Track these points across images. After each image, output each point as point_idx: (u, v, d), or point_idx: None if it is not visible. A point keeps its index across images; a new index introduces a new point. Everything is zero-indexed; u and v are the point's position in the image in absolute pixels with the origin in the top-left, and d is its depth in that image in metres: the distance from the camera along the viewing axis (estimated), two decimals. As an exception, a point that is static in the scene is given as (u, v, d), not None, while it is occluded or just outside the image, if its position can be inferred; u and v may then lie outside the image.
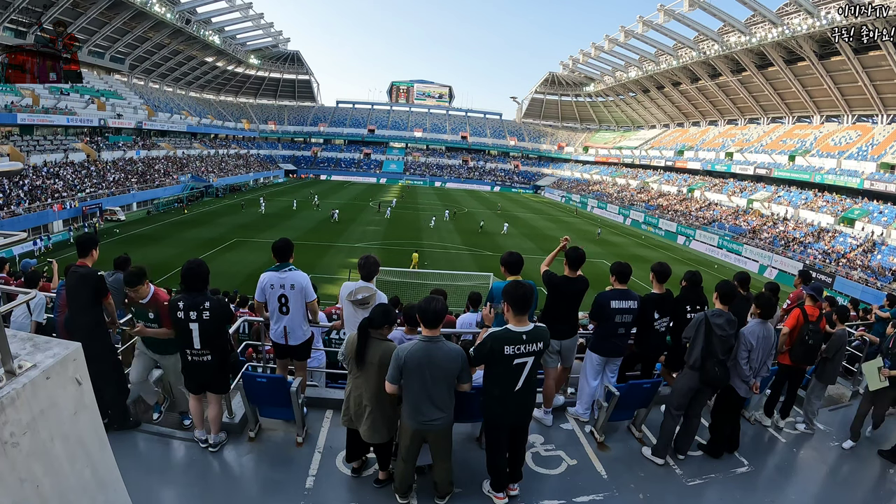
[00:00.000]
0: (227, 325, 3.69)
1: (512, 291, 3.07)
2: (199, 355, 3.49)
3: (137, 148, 45.63)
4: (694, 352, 3.86)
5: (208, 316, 3.39)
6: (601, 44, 58.62)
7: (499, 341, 3.00)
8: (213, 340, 3.50)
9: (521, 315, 3.06)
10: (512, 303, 3.06)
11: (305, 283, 4.00)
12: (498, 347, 2.99)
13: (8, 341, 1.90)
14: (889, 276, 25.81)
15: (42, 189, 29.42)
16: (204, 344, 3.46)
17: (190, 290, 3.45)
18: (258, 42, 67.85)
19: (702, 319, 3.84)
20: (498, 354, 3.00)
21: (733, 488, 3.86)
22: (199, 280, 3.45)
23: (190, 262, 3.47)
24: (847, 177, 36.13)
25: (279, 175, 69.87)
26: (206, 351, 3.49)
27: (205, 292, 3.48)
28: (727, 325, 3.80)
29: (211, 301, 3.43)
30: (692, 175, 54.18)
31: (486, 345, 3.03)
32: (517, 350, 2.99)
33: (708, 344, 3.78)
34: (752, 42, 42.49)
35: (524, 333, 3.02)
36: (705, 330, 3.79)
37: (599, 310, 4.22)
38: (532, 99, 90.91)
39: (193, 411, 3.79)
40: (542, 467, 3.86)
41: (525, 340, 3.00)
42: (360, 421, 3.21)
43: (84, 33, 43.89)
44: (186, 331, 3.42)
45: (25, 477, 1.81)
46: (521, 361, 3.03)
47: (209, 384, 3.69)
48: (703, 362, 3.81)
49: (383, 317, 3.12)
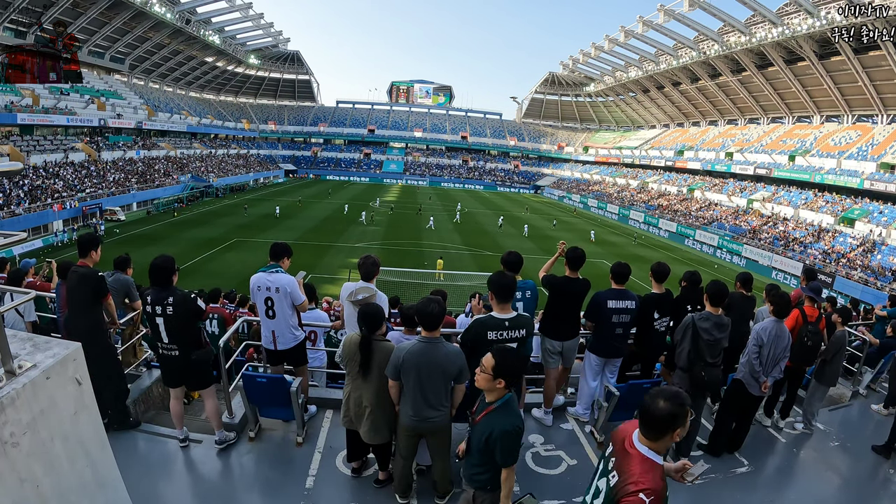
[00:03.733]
0: (195, 321, 3.62)
1: (496, 280, 3.25)
2: (168, 349, 3.51)
3: (137, 148, 45.63)
4: (682, 355, 3.85)
5: (171, 311, 3.40)
6: (601, 44, 58.63)
7: (482, 326, 3.20)
8: (180, 335, 3.50)
9: (504, 303, 3.25)
10: (495, 291, 3.24)
11: (290, 287, 3.87)
12: (482, 332, 3.18)
13: (8, 341, 1.90)
14: (889, 276, 25.80)
15: (42, 189, 29.42)
16: (171, 338, 3.47)
17: (155, 284, 3.48)
18: (258, 42, 67.84)
19: (689, 323, 3.82)
20: (481, 339, 3.17)
21: (733, 488, 3.86)
22: (164, 275, 3.46)
23: (156, 258, 3.50)
24: (847, 177, 36.12)
25: (279, 175, 69.84)
26: (174, 346, 3.49)
27: (170, 287, 3.48)
28: (715, 328, 3.73)
29: (175, 296, 3.42)
30: (692, 175, 54.16)
31: (471, 330, 3.25)
32: (500, 336, 3.18)
33: (695, 347, 3.76)
34: (752, 42, 42.48)
35: (507, 320, 3.21)
36: (692, 334, 3.77)
37: (596, 309, 4.21)
38: (532, 99, 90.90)
39: (172, 409, 3.79)
40: (542, 467, 3.86)
41: (507, 327, 3.20)
42: (361, 422, 3.21)
43: (84, 33, 43.88)
44: (154, 324, 3.46)
45: (25, 477, 1.81)
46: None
47: (184, 379, 3.69)
48: (690, 365, 3.79)
49: (376, 322, 3.13)
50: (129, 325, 4.81)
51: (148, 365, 5.05)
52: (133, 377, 4.66)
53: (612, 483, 1.92)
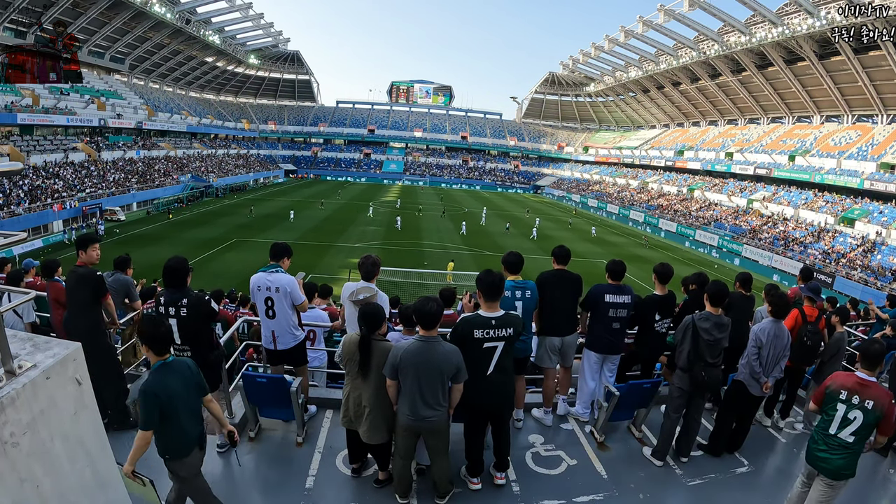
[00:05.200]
0: (209, 322, 3.65)
1: (483, 279, 3.23)
2: (180, 351, 3.50)
3: (137, 148, 45.63)
4: (682, 355, 3.85)
5: (185, 312, 3.42)
6: (601, 44, 58.63)
7: (468, 324, 3.18)
8: (193, 337, 3.50)
9: (492, 302, 3.23)
10: (482, 289, 3.22)
11: (290, 287, 3.88)
12: (468, 330, 3.16)
13: (8, 341, 1.90)
14: (889, 276, 25.81)
15: (42, 189, 29.42)
16: (184, 339, 3.47)
17: (169, 286, 3.51)
18: (258, 42, 67.85)
19: (689, 323, 3.83)
20: (468, 337, 3.15)
21: (733, 488, 3.86)
22: (178, 277, 3.49)
23: (170, 260, 3.53)
24: (847, 177, 36.13)
25: (279, 175, 69.88)
26: (186, 347, 3.50)
27: (184, 289, 3.51)
28: (715, 328, 3.75)
29: (189, 297, 3.46)
30: (692, 175, 54.17)
31: (458, 328, 3.23)
32: (486, 334, 3.15)
33: (695, 348, 3.77)
34: (752, 42, 42.49)
35: (493, 319, 3.18)
36: (692, 334, 3.78)
37: (593, 303, 4.25)
38: (532, 99, 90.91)
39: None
40: (542, 467, 3.86)
41: (494, 325, 3.17)
42: (360, 422, 3.21)
43: (84, 33, 43.89)
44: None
45: (25, 477, 1.81)
46: (490, 346, 3.18)
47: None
48: (690, 366, 3.80)
49: (376, 322, 3.14)
50: (129, 325, 4.81)
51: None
52: (133, 377, 4.66)
53: (869, 406, 2.94)
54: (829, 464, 3.02)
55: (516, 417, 4.34)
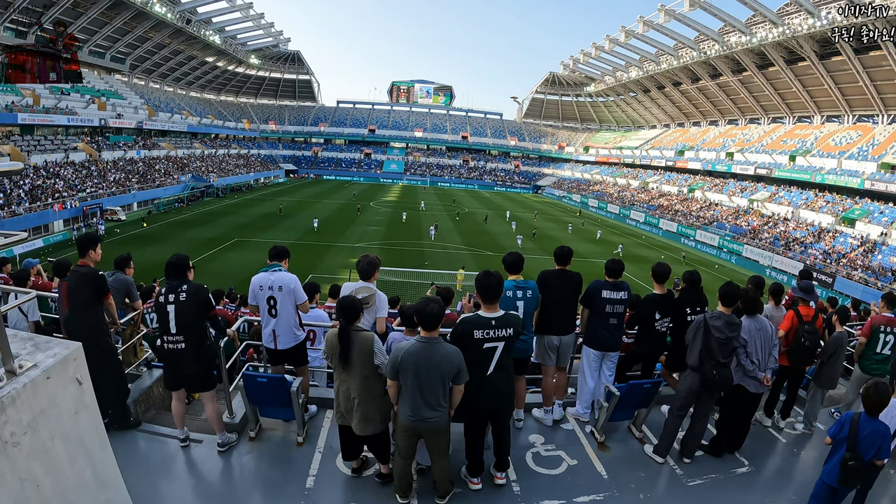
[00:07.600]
0: (206, 313, 3.64)
1: (481, 280, 3.22)
2: (174, 342, 3.49)
3: (138, 148, 45.66)
4: (693, 354, 3.87)
5: (185, 297, 3.45)
6: (602, 44, 58.62)
7: (468, 325, 3.17)
8: (189, 327, 3.50)
9: (491, 303, 3.23)
10: (480, 290, 3.21)
11: (294, 285, 3.91)
12: (467, 331, 3.15)
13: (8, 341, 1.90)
14: (889, 276, 25.79)
15: (43, 189, 29.44)
16: (179, 329, 3.47)
17: (170, 278, 3.59)
18: (259, 42, 67.89)
19: (701, 322, 3.85)
20: (468, 338, 3.15)
21: (734, 488, 3.85)
22: (178, 270, 3.57)
23: (172, 257, 3.62)
24: (847, 177, 36.10)
25: (280, 175, 69.92)
26: (181, 337, 3.49)
27: (184, 278, 3.59)
28: (726, 327, 3.77)
29: (189, 285, 3.52)
30: (693, 175, 54.14)
31: (458, 328, 3.22)
32: (486, 334, 3.15)
33: (706, 346, 3.78)
34: (753, 42, 42.47)
35: (493, 319, 3.18)
36: (704, 332, 3.79)
37: (590, 298, 4.29)
38: (532, 99, 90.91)
39: (174, 409, 3.78)
40: (542, 467, 3.86)
41: (494, 326, 3.16)
42: (352, 415, 3.22)
43: (84, 33, 43.92)
44: (164, 313, 3.49)
45: (26, 476, 1.81)
46: (490, 346, 3.18)
47: (186, 379, 3.67)
48: (701, 364, 3.81)
49: (353, 313, 3.16)
50: (130, 325, 4.81)
51: (148, 365, 5.05)
52: (133, 377, 4.67)
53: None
54: (880, 369, 4.82)
55: (517, 417, 4.34)
